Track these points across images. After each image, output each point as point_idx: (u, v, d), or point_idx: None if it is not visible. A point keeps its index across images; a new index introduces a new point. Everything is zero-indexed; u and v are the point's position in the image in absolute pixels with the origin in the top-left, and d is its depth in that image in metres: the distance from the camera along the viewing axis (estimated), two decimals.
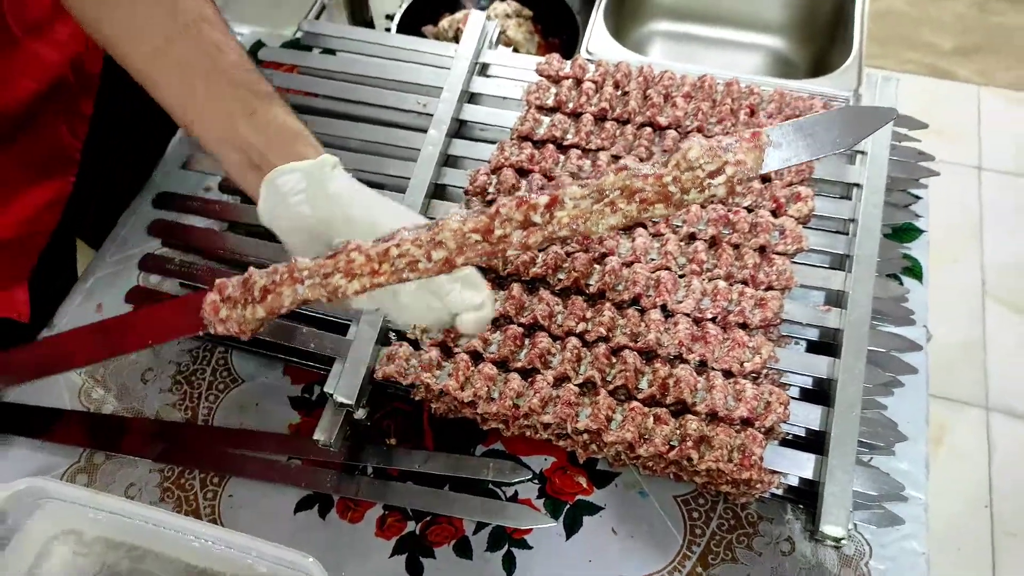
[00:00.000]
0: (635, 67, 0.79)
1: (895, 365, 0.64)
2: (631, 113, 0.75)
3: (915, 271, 0.74)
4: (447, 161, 0.77)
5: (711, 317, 0.63)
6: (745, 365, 0.60)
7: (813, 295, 0.68)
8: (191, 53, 0.55)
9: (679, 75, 0.78)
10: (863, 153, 0.71)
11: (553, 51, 1.02)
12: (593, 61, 0.80)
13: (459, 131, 0.79)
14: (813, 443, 0.60)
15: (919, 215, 0.75)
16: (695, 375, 0.60)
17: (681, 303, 0.63)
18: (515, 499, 0.66)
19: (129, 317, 0.57)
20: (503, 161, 0.73)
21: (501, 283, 0.67)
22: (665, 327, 0.62)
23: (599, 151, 0.73)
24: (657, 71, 0.78)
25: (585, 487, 0.66)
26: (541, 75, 0.79)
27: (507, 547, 0.64)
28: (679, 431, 0.58)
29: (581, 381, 0.61)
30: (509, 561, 0.63)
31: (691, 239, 0.68)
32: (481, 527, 0.65)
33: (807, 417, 0.60)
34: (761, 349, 0.61)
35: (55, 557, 0.58)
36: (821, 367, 0.62)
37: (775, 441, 0.60)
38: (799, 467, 0.59)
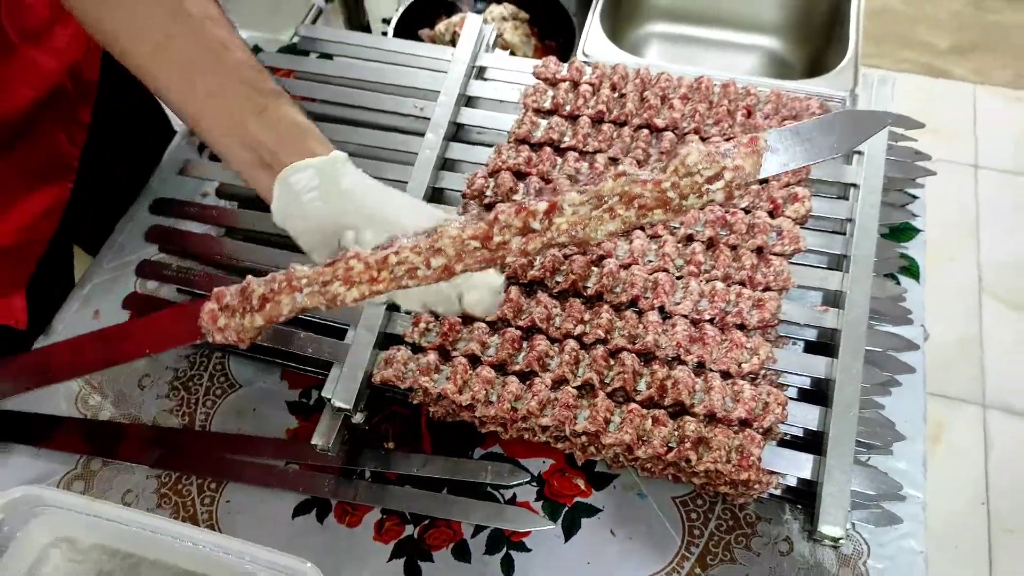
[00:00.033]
0: (632, 69, 0.79)
1: (892, 365, 0.64)
2: (628, 115, 0.75)
3: (912, 270, 0.74)
4: (444, 165, 0.77)
5: (709, 318, 0.63)
6: (743, 366, 0.60)
7: (811, 295, 0.68)
8: (197, 51, 0.55)
9: (676, 77, 0.78)
10: (860, 153, 0.71)
11: (550, 54, 1.01)
12: (590, 63, 0.80)
13: (456, 135, 0.79)
14: (811, 443, 0.60)
15: (916, 215, 0.75)
16: (693, 376, 0.60)
17: (679, 305, 0.63)
18: (513, 502, 0.66)
19: (127, 326, 0.57)
20: (501, 164, 0.73)
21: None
22: (663, 329, 0.62)
23: (596, 153, 0.73)
24: (654, 73, 0.79)
25: (583, 489, 0.66)
26: (538, 78, 0.80)
27: (506, 550, 0.64)
28: (677, 432, 0.58)
29: (579, 383, 0.61)
30: (508, 564, 0.63)
31: (689, 241, 0.68)
32: (479, 530, 0.65)
33: (805, 417, 0.60)
34: (759, 350, 0.61)
35: (51, 564, 0.58)
36: (819, 367, 0.62)
37: (773, 442, 0.60)
38: (797, 467, 0.59)
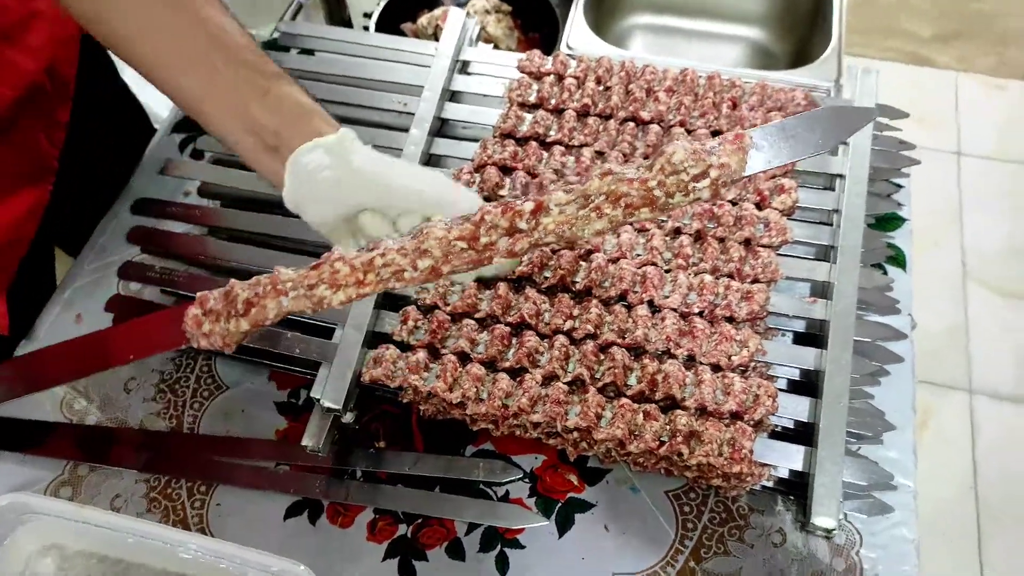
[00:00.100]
0: (617, 62, 0.78)
1: (881, 354, 0.64)
2: (613, 108, 0.75)
3: (899, 260, 0.75)
4: (430, 160, 0.76)
5: (698, 311, 0.63)
6: (733, 359, 0.60)
7: (799, 287, 0.68)
8: (195, 36, 0.54)
9: (661, 69, 0.78)
10: (846, 144, 0.71)
11: (533, 46, 1.01)
12: (574, 56, 0.80)
13: (441, 130, 0.79)
14: (802, 435, 0.60)
15: (901, 204, 0.75)
16: (683, 370, 0.60)
17: (668, 298, 0.63)
18: (506, 499, 0.65)
19: (111, 332, 0.56)
20: (486, 159, 0.73)
21: (487, 282, 0.66)
22: (652, 323, 0.62)
23: (582, 147, 0.73)
24: (639, 65, 0.78)
25: (576, 485, 0.66)
26: (522, 71, 0.79)
27: (500, 547, 0.63)
28: (669, 427, 0.58)
29: (570, 379, 0.61)
30: (502, 561, 0.63)
31: (676, 234, 0.68)
32: (473, 528, 0.64)
33: (795, 409, 0.61)
34: (748, 342, 0.61)
35: (40, 572, 0.57)
36: (808, 359, 0.62)
37: (764, 434, 0.60)
38: (789, 459, 0.59)
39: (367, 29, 1.04)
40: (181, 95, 0.56)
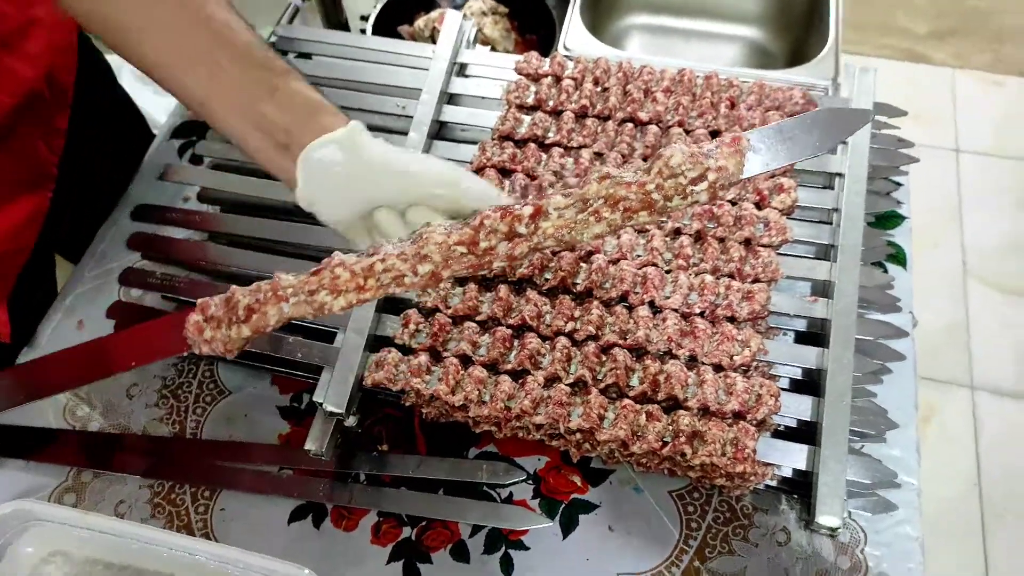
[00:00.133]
0: (614, 63, 0.78)
1: (883, 352, 0.64)
2: (612, 109, 0.75)
3: (899, 258, 0.75)
4: None
5: (699, 312, 0.63)
6: (735, 358, 0.60)
7: (799, 286, 0.68)
8: (197, 34, 0.54)
9: (658, 70, 0.78)
10: (844, 143, 0.71)
11: (530, 48, 1.01)
12: (572, 58, 0.80)
13: (439, 133, 0.79)
14: (805, 434, 0.60)
15: (900, 202, 0.75)
16: (685, 370, 0.60)
17: (669, 299, 0.63)
18: (510, 500, 0.65)
19: (112, 339, 0.56)
20: (485, 162, 0.73)
21: (488, 285, 0.66)
22: (654, 323, 0.62)
23: (581, 148, 0.73)
24: (636, 66, 0.78)
25: (580, 486, 0.66)
26: (520, 73, 0.79)
27: (504, 549, 0.63)
28: (672, 427, 0.58)
29: (572, 381, 0.61)
30: (507, 563, 0.63)
31: (676, 234, 0.68)
32: (477, 530, 0.64)
33: (798, 408, 0.61)
34: (750, 342, 0.61)
35: None
36: (810, 358, 0.62)
37: (767, 433, 0.60)
38: (792, 458, 0.59)
39: (364, 32, 1.04)
40: (186, 94, 0.56)
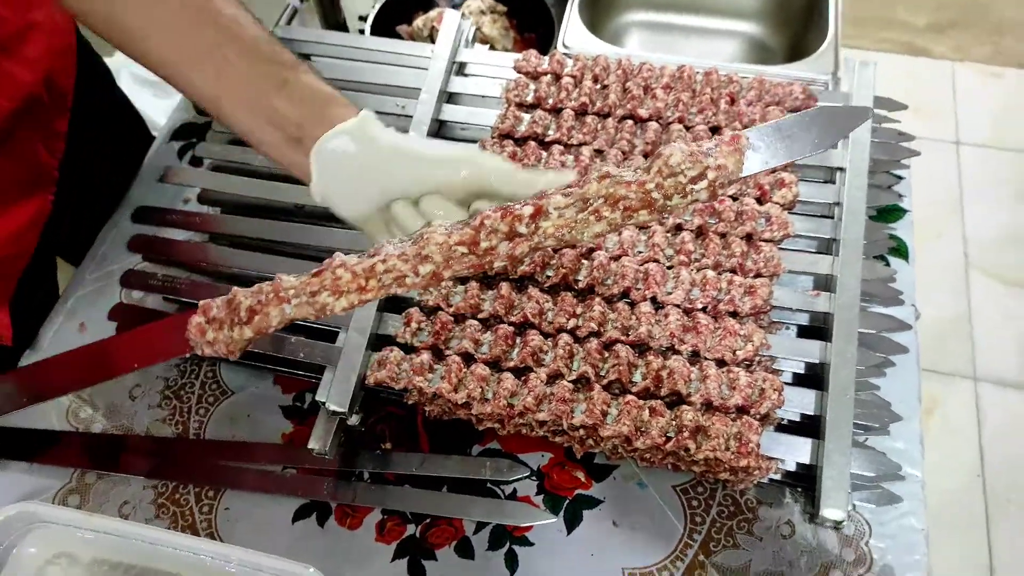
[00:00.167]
0: (613, 60, 0.78)
1: (886, 346, 0.64)
2: (611, 106, 0.75)
3: (901, 251, 0.75)
4: None
5: (701, 307, 0.63)
6: (737, 353, 0.60)
7: (801, 280, 0.68)
8: (203, 30, 0.53)
9: (658, 66, 0.78)
10: (845, 137, 0.71)
11: (529, 46, 1.01)
12: (571, 55, 0.80)
13: (439, 132, 0.79)
14: (808, 427, 0.60)
15: (902, 195, 0.75)
16: (688, 366, 0.60)
17: (671, 294, 0.63)
18: (514, 497, 0.66)
19: (114, 341, 0.56)
20: None
21: (489, 282, 0.66)
22: (656, 319, 0.62)
23: (581, 146, 0.73)
24: (636, 63, 0.78)
25: (584, 481, 0.66)
26: (519, 72, 0.79)
27: (508, 545, 0.64)
28: (675, 422, 0.58)
29: (575, 377, 0.61)
30: (511, 559, 0.63)
31: (678, 230, 0.68)
32: (481, 527, 0.64)
33: (801, 402, 0.61)
34: (752, 336, 0.61)
35: None
36: (813, 352, 0.62)
37: (771, 427, 0.60)
38: (796, 452, 0.59)
39: (363, 32, 1.03)
40: (194, 91, 0.55)
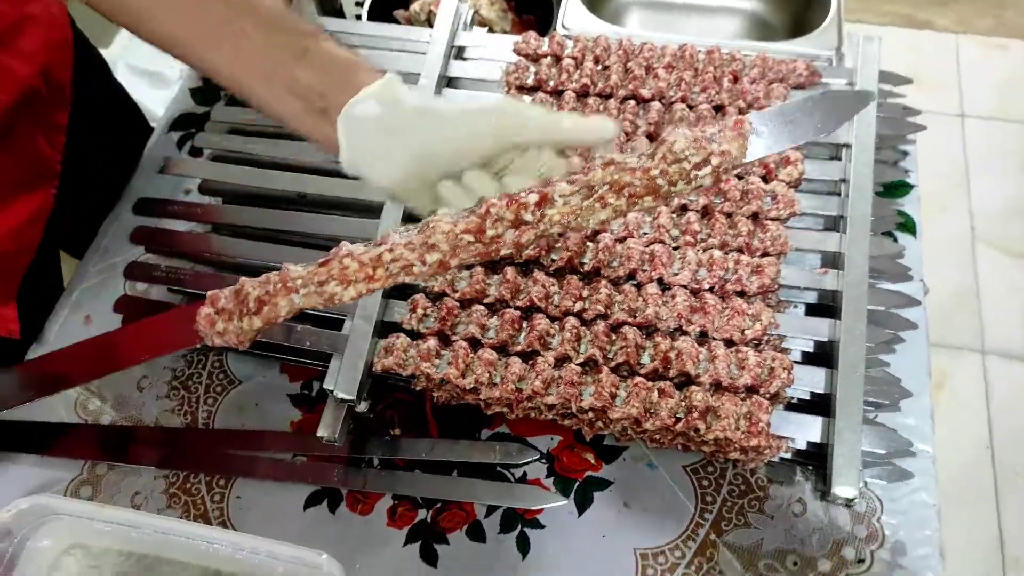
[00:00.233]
0: (614, 40, 0.78)
1: (895, 322, 0.64)
2: (613, 87, 0.74)
3: (908, 226, 0.74)
4: None
5: (708, 287, 0.63)
6: (746, 333, 0.60)
7: (809, 258, 0.68)
8: (220, 8, 0.53)
9: (659, 46, 0.77)
10: (848, 121, 0.70)
11: (528, 28, 1.00)
12: (571, 36, 0.79)
13: None
14: (819, 405, 0.60)
15: (908, 170, 0.75)
16: (696, 346, 0.60)
17: (677, 275, 0.63)
18: (524, 480, 0.66)
19: (122, 333, 0.56)
20: None
21: (494, 267, 0.66)
22: (663, 300, 0.62)
23: None
24: (637, 43, 0.77)
25: (593, 463, 0.66)
26: (519, 54, 0.78)
27: (520, 528, 0.64)
28: (684, 403, 0.58)
29: (582, 360, 0.61)
30: (523, 541, 0.63)
31: (683, 210, 0.67)
32: (492, 510, 0.65)
33: (811, 380, 0.60)
34: (761, 316, 0.61)
35: (65, 573, 0.58)
36: (822, 330, 0.62)
37: (781, 406, 0.60)
38: (806, 430, 0.59)
39: (359, 18, 1.03)
40: (213, 68, 0.54)
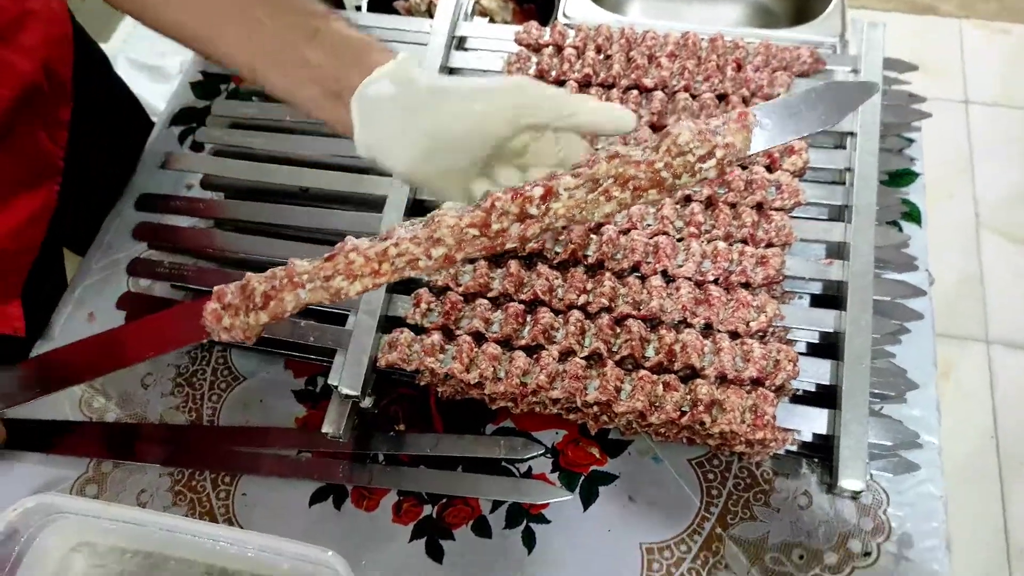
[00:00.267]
0: (616, 29, 0.77)
1: (901, 312, 0.64)
2: (616, 77, 0.74)
3: (913, 215, 0.74)
4: None
5: (713, 279, 0.62)
6: (751, 325, 0.60)
7: (814, 248, 0.68)
8: None
9: (662, 34, 0.76)
10: (853, 112, 0.70)
11: (529, 18, 0.99)
12: (573, 26, 0.78)
13: None
14: (825, 397, 0.60)
15: (914, 158, 0.74)
16: (701, 339, 0.60)
17: (681, 267, 0.63)
18: (529, 475, 0.65)
19: (127, 329, 0.56)
20: None
21: (498, 261, 0.66)
22: (667, 293, 0.62)
23: None
24: (639, 32, 0.77)
25: (599, 457, 0.66)
26: (520, 44, 0.78)
27: (525, 523, 0.64)
28: (689, 396, 0.58)
29: (587, 354, 0.60)
30: (528, 536, 0.63)
31: (687, 201, 0.67)
32: (498, 505, 0.65)
33: (817, 372, 0.60)
34: (766, 307, 0.60)
35: (73, 571, 0.58)
36: (827, 321, 0.62)
37: (786, 399, 0.59)
38: (812, 423, 0.59)
39: (359, 9, 1.02)
40: (233, 57, 0.54)
